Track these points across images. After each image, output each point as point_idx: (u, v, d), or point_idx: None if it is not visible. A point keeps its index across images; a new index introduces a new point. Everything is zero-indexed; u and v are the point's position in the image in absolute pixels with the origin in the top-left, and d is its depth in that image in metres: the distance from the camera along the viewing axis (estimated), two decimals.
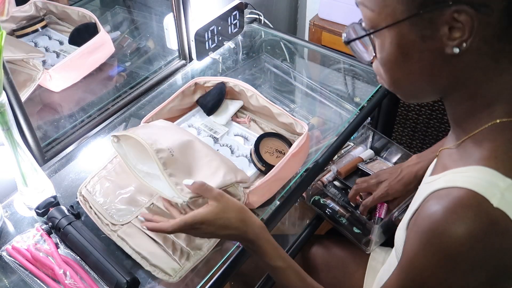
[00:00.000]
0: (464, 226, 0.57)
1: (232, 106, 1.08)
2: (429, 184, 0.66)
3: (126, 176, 0.94)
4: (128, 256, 0.83)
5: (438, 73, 0.61)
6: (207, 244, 0.83)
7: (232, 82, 1.06)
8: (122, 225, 0.86)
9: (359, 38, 0.63)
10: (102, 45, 1.11)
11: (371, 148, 1.26)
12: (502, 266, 0.59)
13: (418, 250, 0.62)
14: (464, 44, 0.56)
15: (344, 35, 0.65)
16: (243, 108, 1.09)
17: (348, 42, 0.64)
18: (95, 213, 0.87)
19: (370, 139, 1.26)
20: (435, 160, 0.77)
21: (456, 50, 0.57)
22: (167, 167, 0.80)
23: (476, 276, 0.59)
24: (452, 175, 0.62)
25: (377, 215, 1.05)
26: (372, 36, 0.62)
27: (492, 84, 0.61)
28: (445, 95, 0.65)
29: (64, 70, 1.04)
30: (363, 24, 0.62)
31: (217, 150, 0.99)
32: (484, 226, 0.57)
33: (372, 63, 0.67)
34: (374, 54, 0.64)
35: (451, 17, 0.55)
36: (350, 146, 1.27)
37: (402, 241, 0.71)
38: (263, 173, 0.94)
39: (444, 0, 0.55)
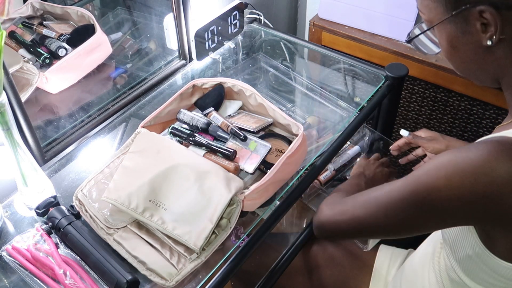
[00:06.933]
0: (505, 166, 0.60)
1: (231, 107, 1.07)
2: None
3: None
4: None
5: (483, 62, 0.71)
6: (205, 252, 0.83)
7: (231, 82, 1.06)
8: (118, 229, 0.86)
9: (416, 36, 0.81)
10: (99, 46, 1.10)
11: (370, 146, 1.26)
12: None
13: (440, 169, 0.65)
14: (494, 37, 0.66)
15: (407, 35, 0.82)
16: (242, 108, 1.09)
17: (409, 41, 0.82)
18: (91, 217, 0.87)
19: (367, 138, 1.26)
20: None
21: (489, 43, 0.67)
22: (164, 221, 0.83)
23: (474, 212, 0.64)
24: (503, 131, 0.66)
25: None
26: (432, 34, 0.78)
27: None
28: (499, 81, 0.73)
29: (60, 72, 1.03)
30: (423, 25, 0.79)
31: None
32: None
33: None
34: (439, 49, 0.80)
35: (479, 15, 0.66)
36: (347, 145, 1.27)
37: None
38: (263, 172, 0.94)
39: (470, 2, 0.66)
